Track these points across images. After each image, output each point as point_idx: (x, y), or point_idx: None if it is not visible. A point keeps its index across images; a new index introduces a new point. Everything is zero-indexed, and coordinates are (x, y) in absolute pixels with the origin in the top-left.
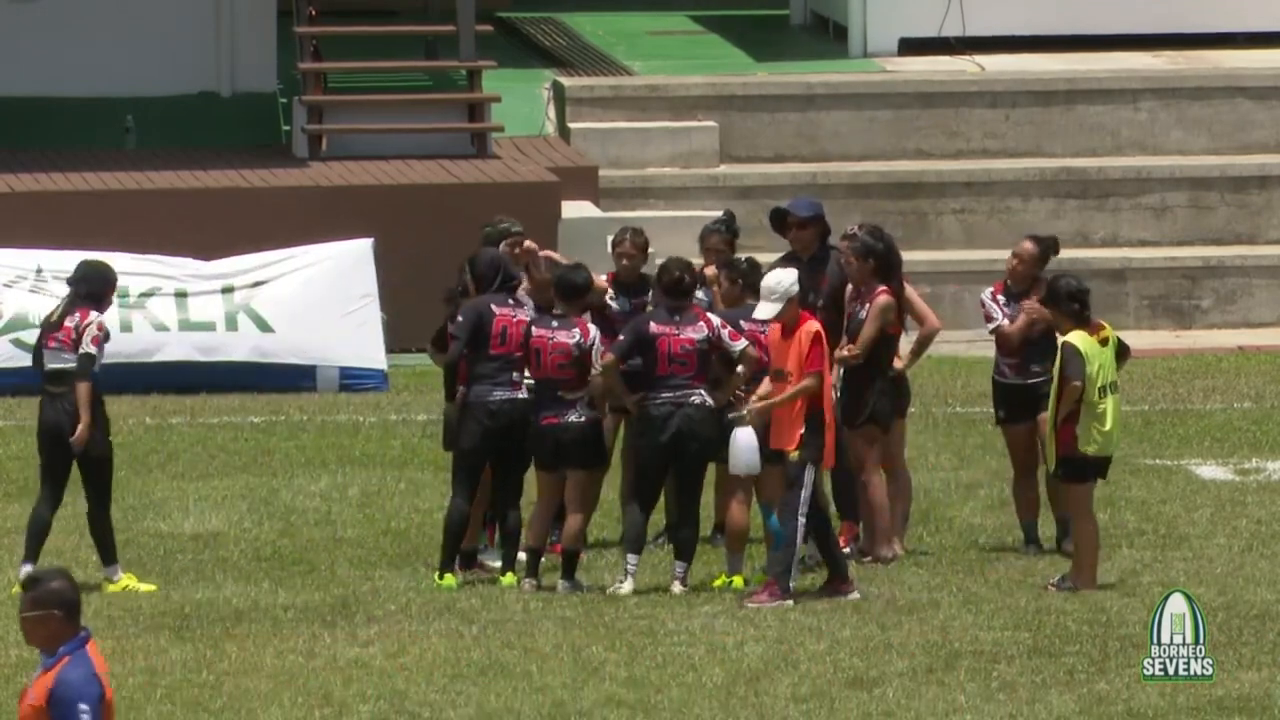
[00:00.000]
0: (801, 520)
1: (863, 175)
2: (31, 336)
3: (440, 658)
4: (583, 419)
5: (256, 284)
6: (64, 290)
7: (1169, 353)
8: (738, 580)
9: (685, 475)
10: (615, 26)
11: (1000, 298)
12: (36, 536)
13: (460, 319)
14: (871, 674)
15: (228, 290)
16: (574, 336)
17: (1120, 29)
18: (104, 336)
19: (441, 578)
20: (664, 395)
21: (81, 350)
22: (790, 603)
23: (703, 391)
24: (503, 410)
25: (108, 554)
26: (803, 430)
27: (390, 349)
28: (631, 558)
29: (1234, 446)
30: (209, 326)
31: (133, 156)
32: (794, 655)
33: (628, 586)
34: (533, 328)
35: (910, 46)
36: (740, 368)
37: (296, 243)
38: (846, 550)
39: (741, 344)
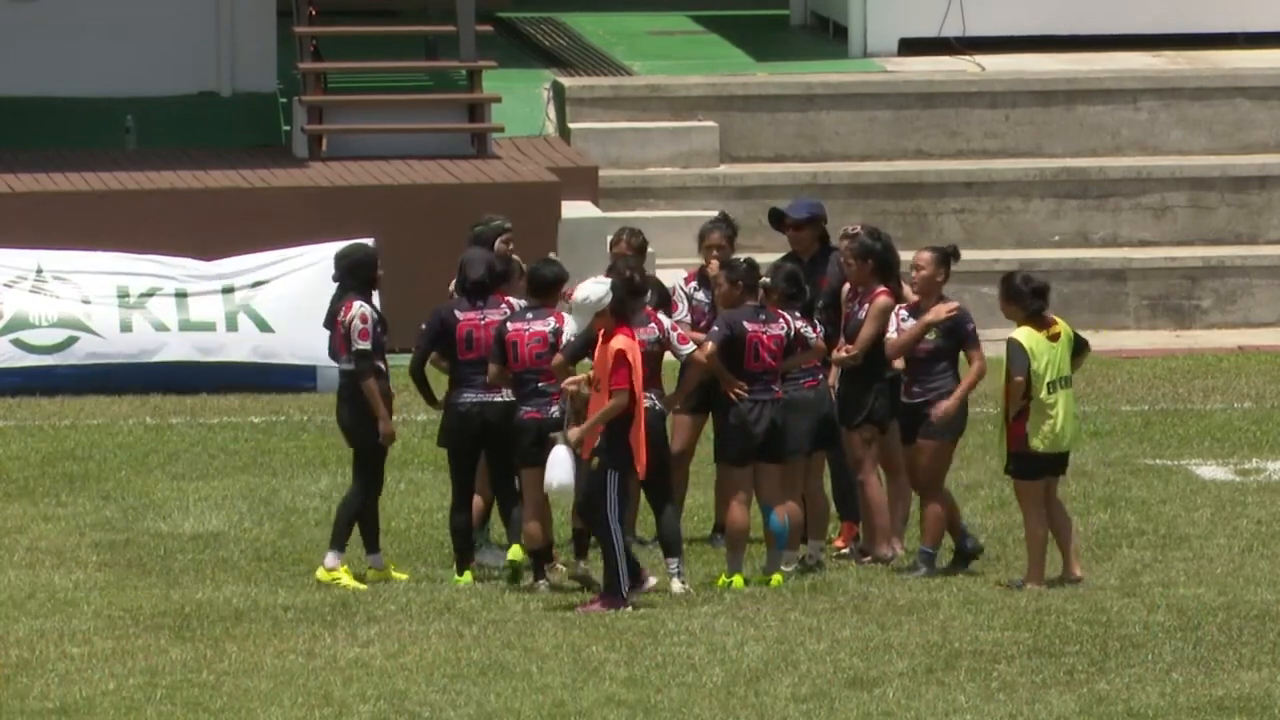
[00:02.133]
0: (615, 526)
1: (863, 175)
2: (31, 336)
3: (440, 658)
4: (561, 415)
5: (256, 284)
6: (63, 290)
7: (1169, 353)
8: (738, 580)
9: (648, 475)
10: (615, 26)
11: (904, 312)
12: (347, 526)
13: (424, 325)
14: (871, 674)
15: (228, 290)
16: (550, 324)
17: (1120, 29)
18: (371, 327)
19: (460, 574)
20: None
21: (355, 349)
22: (629, 609)
23: (653, 395)
24: (472, 413)
25: (370, 541)
26: (600, 439)
27: (390, 349)
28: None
29: (1234, 446)
30: (209, 326)
31: (133, 156)
32: (794, 655)
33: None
34: (507, 324)
35: (910, 46)
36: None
37: (296, 243)
38: (845, 551)
39: (689, 347)
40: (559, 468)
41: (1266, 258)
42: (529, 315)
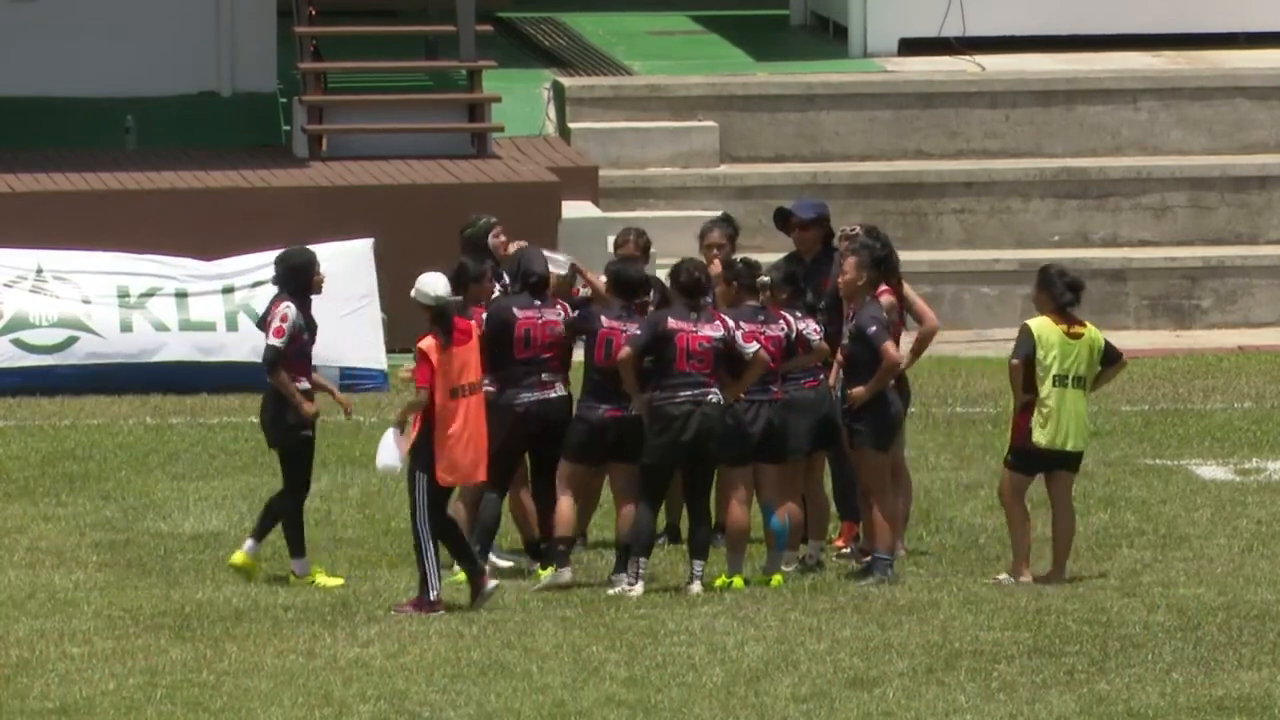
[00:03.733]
0: (422, 530)
1: (863, 175)
2: (31, 336)
3: (440, 658)
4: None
5: (257, 284)
6: (63, 290)
7: (1169, 353)
8: (738, 580)
9: (700, 474)
10: (615, 26)
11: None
12: (296, 528)
13: (485, 325)
14: (871, 674)
15: (228, 290)
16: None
17: (1120, 29)
18: (290, 326)
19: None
20: (683, 394)
21: (267, 343)
22: (442, 611)
23: (717, 390)
24: (530, 412)
25: (294, 546)
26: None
27: (390, 349)
28: (642, 560)
29: (1234, 446)
30: (209, 326)
31: (133, 156)
32: (794, 655)
33: (639, 590)
34: (603, 321)
35: (910, 46)
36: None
37: (296, 243)
38: (846, 550)
39: (754, 346)
40: (385, 450)
41: (1266, 258)
42: (623, 315)
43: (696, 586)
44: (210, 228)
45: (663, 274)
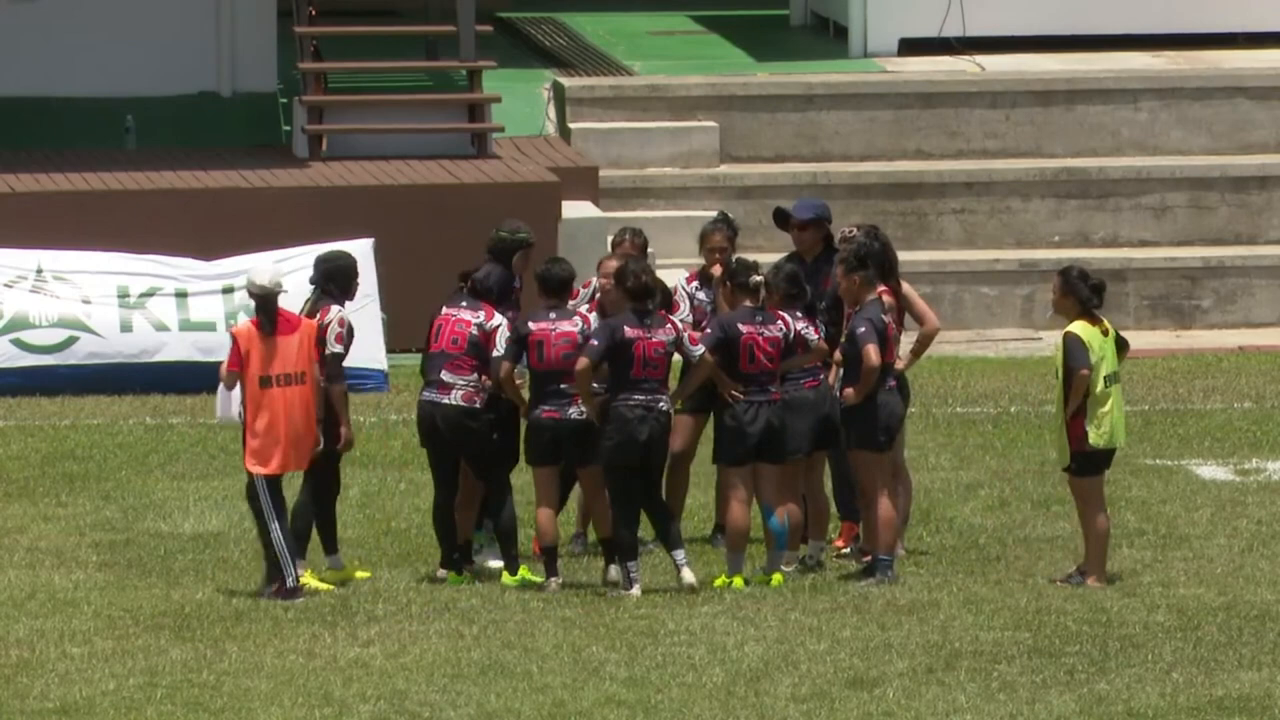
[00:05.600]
0: (270, 520)
1: (863, 175)
2: (31, 336)
3: (440, 658)
4: (580, 416)
5: None
6: (63, 290)
7: (1169, 353)
8: (738, 580)
9: (646, 480)
10: (615, 26)
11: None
12: (321, 527)
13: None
14: (871, 674)
15: (228, 290)
16: (578, 325)
17: (1120, 29)
18: (348, 332)
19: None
20: (636, 398)
21: (328, 351)
22: (302, 599)
23: (665, 397)
24: (420, 408)
25: (328, 542)
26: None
27: (390, 349)
28: (631, 564)
29: (1234, 446)
30: (209, 326)
31: (133, 156)
32: (794, 655)
33: (636, 591)
34: (529, 323)
35: (910, 46)
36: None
37: (296, 243)
38: (846, 551)
39: (699, 349)
40: (220, 403)
41: (1266, 258)
42: (552, 315)
43: (688, 573)
44: (210, 228)
45: (664, 275)
